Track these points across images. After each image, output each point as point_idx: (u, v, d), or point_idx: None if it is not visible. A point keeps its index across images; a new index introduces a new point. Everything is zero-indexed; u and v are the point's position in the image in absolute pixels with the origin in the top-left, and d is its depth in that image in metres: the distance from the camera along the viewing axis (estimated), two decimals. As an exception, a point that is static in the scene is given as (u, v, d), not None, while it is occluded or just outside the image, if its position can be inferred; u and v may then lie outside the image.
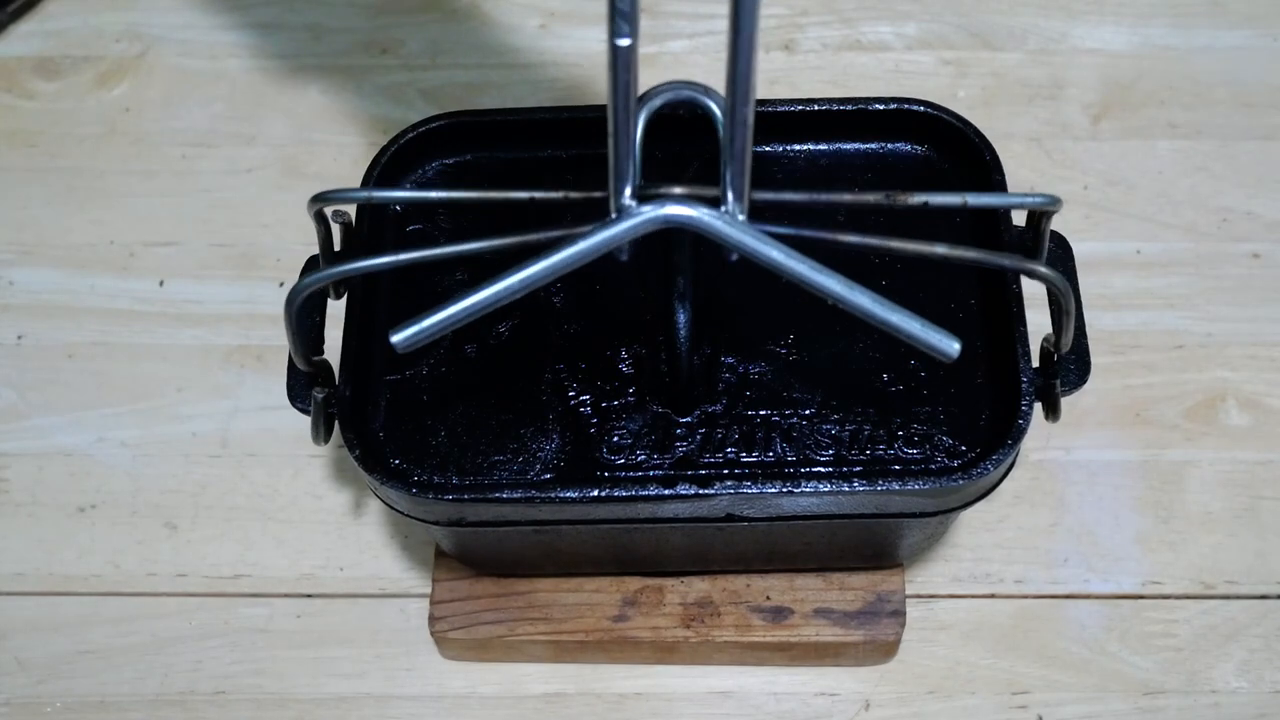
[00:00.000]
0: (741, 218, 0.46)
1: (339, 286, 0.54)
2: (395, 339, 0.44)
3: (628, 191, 0.45)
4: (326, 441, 0.53)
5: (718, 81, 0.47)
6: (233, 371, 0.72)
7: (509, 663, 0.64)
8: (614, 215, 0.45)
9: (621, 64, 0.42)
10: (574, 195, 0.48)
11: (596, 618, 0.62)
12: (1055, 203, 0.49)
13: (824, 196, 0.51)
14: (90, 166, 0.78)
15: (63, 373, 0.72)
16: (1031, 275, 0.49)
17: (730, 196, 0.45)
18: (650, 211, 0.45)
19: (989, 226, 0.55)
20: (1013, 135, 0.77)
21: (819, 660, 0.63)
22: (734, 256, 0.46)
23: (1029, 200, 0.50)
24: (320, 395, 0.52)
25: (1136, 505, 0.67)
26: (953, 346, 0.44)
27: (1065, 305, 0.49)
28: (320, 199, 0.50)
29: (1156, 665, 0.64)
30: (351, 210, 0.57)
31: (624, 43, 0.42)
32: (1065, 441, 0.68)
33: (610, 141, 0.44)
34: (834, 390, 0.53)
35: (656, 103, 0.47)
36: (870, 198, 0.49)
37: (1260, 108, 0.78)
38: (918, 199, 0.48)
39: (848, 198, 0.50)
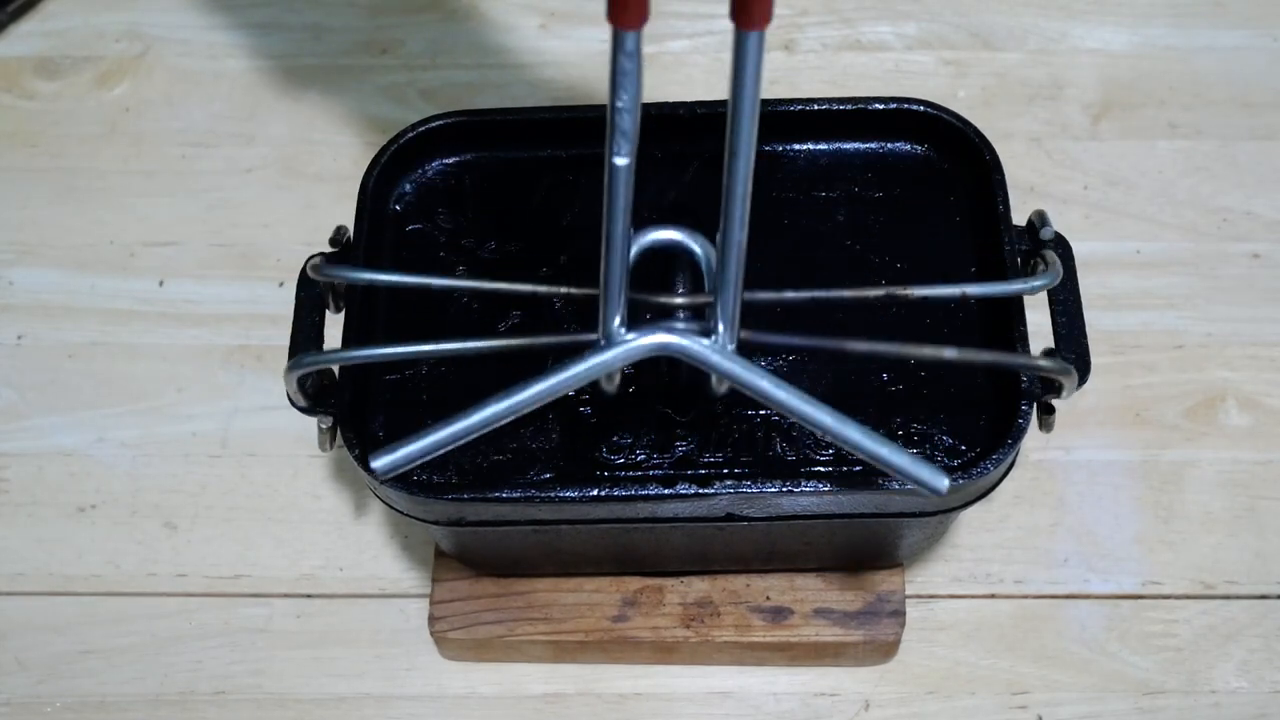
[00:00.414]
0: (731, 347, 0.46)
1: (337, 301, 0.54)
2: (376, 465, 0.45)
3: (617, 320, 0.45)
4: (333, 448, 0.53)
5: (719, 84, 0.47)
6: (233, 371, 0.72)
7: (509, 663, 0.64)
8: (603, 342, 0.45)
9: (620, 183, 0.42)
10: (572, 291, 0.49)
11: (596, 618, 0.62)
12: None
13: (822, 295, 0.51)
14: (90, 166, 0.78)
15: (63, 373, 0.72)
16: (1041, 371, 0.50)
17: (721, 328, 0.45)
18: (639, 340, 0.45)
19: (990, 236, 0.55)
20: (1013, 135, 0.77)
21: (819, 660, 0.63)
22: (724, 387, 0.47)
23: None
24: (326, 425, 0.52)
25: (1136, 505, 0.67)
26: (941, 482, 0.45)
27: (1068, 387, 0.50)
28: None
29: (1156, 665, 0.64)
30: (353, 213, 0.57)
31: (622, 162, 0.41)
32: (1065, 441, 0.68)
33: (602, 267, 0.44)
34: (834, 390, 0.53)
35: (646, 241, 0.48)
36: (871, 293, 0.50)
37: (1260, 108, 0.78)
38: (918, 293, 0.49)
39: (848, 294, 0.50)
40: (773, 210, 0.57)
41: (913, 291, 0.49)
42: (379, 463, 0.45)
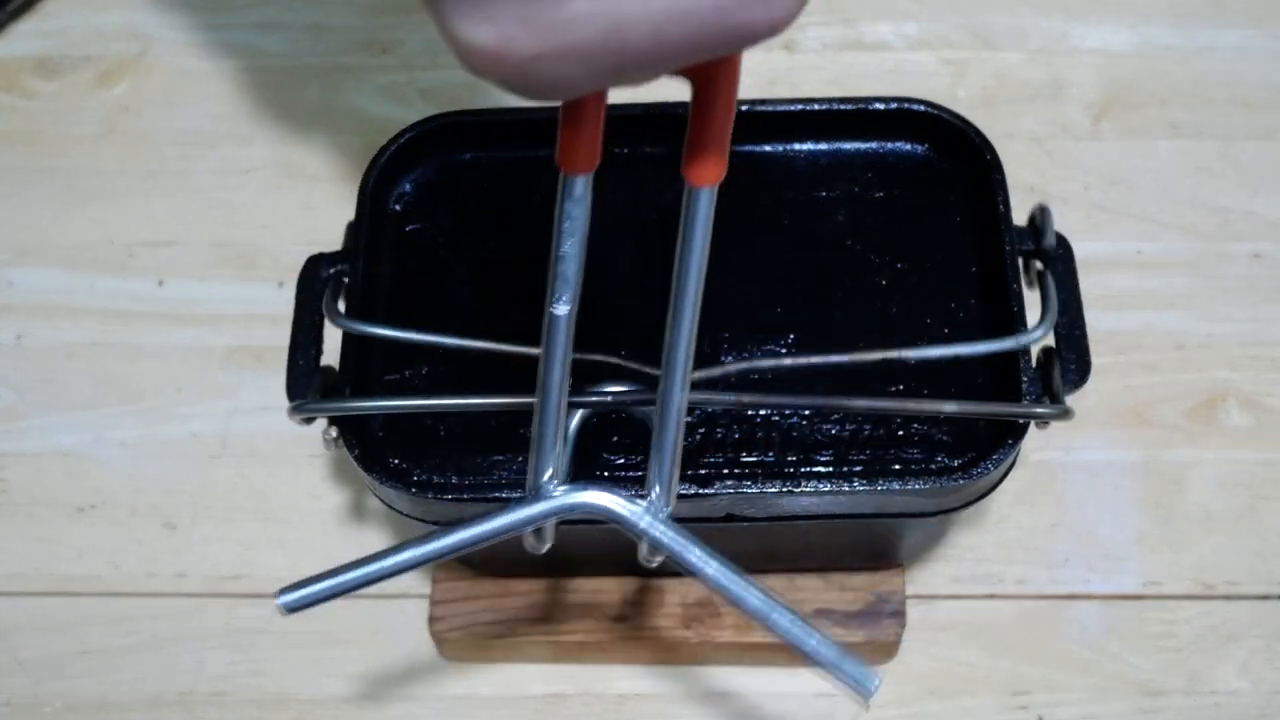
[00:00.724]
0: (666, 511, 0.45)
1: (336, 290, 0.54)
2: (281, 601, 0.45)
3: (548, 474, 0.44)
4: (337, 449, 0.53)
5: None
6: (232, 371, 0.72)
7: (509, 663, 0.64)
8: (530, 495, 0.44)
9: (559, 333, 0.41)
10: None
11: (596, 618, 0.62)
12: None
13: (819, 360, 0.52)
14: (90, 166, 0.78)
15: (62, 373, 0.72)
16: (1038, 417, 0.50)
17: (656, 491, 0.44)
18: (567, 498, 0.44)
19: (990, 236, 0.55)
20: (1013, 135, 0.77)
21: (819, 660, 0.63)
22: (655, 559, 0.46)
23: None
24: (334, 434, 0.52)
25: (1137, 505, 0.67)
26: (872, 683, 0.43)
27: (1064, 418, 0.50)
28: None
29: (1157, 666, 0.64)
30: (352, 213, 0.57)
31: (563, 311, 0.40)
32: (1065, 441, 0.68)
33: (535, 419, 0.43)
34: (834, 390, 0.53)
35: (589, 410, 0.49)
36: (869, 357, 0.50)
37: (1260, 108, 0.78)
38: (914, 355, 0.50)
39: (845, 358, 0.51)
40: (773, 210, 0.57)
41: (908, 354, 0.50)
42: (285, 599, 0.45)
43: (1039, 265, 0.54)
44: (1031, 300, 0.53)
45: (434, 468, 0.53)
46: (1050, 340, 0.52)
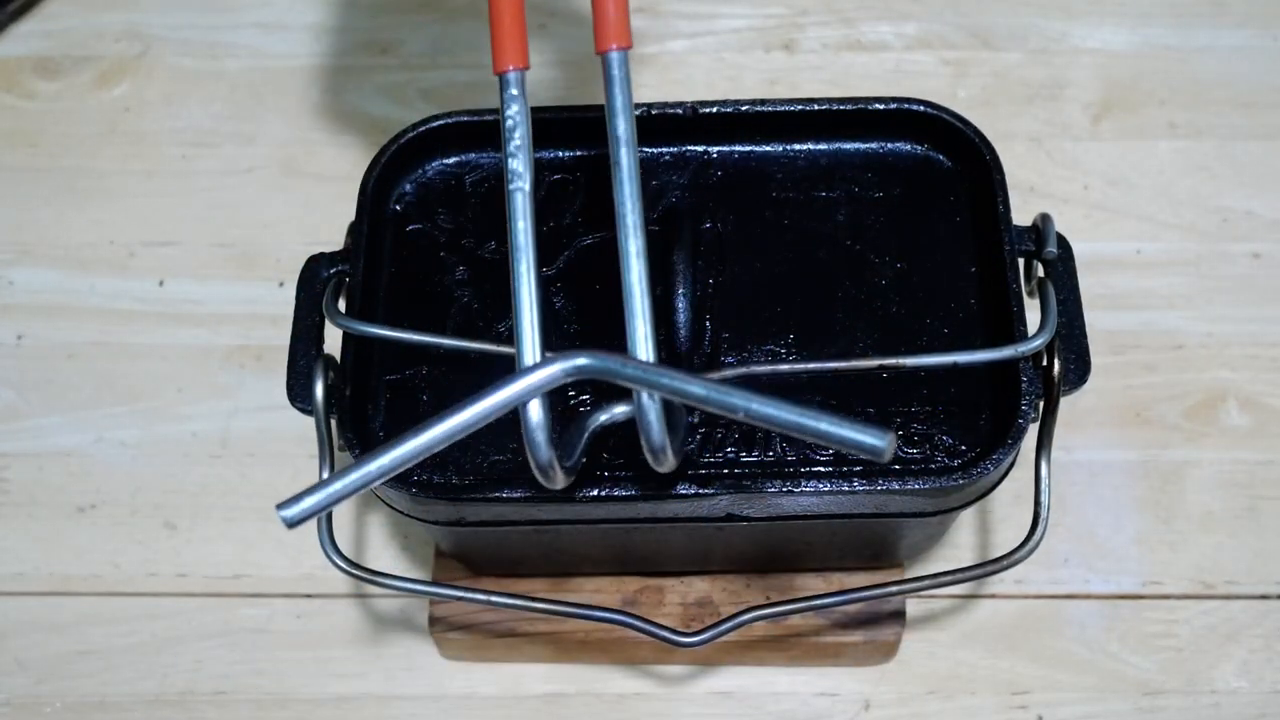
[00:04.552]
0: (649, 358, 0.45)
1: (336, 290, 0.54)
2: (283, 515, 0.43)
3: (531, 342, 0.45)
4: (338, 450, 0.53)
5: (719, 83, 0.47)
6: (233, 371, 0.72)
7: (509, 663, 0.64)
8: (523, 368, 0.44)
9: (519, 209, 0.46)
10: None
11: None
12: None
13: (815, 367, 0.52)
14: (90, 166, 0.78)
15: (63, 373, 0.72)
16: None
17: (640, 350, 0.45)
18: (555, 364, 0.43)
19: (990, 236, 0.55)
20: (1013, 135, 0.77)
21: (819, 660, 0.63)
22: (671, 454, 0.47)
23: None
24: (345, 443, 0.52)
25: (1136, 505, 0.67)
26: (885, 440, 0.40)
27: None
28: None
29: (1157, 665, 0.64)
30: (352, 213, 0.57)
31: (520, 187, 0.46)
32: (1065, 441, 0.68)
33: (512, 291, 0.46)
34: (834, 390, 0.53)
35: (597, 426, 0.49)
36: (864, 364, 0.51)
37: (1260, 108, 0.78)
38: (911, 363, 0.51)
39: (843, 365, 0.52)
40: (773, 210, 0.57)
41: (905, 361, 0.51)
42: (286, 513, 0.43)
43: (1040, 272, 0.54)
44: (1031, 300, 0.53)
45: (434, 468, 0.53)
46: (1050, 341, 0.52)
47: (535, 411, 0.45)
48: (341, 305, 0.55)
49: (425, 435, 0.42)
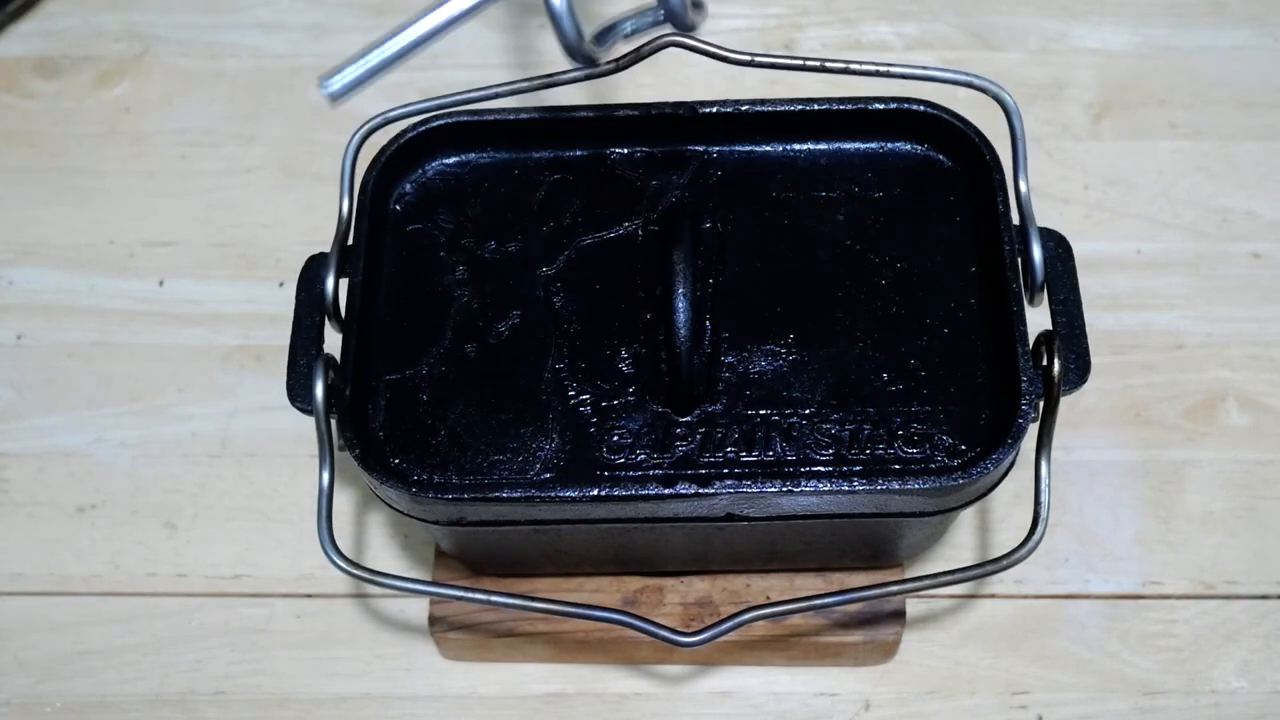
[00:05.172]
0: None
1: (340, 267, 0.54)
2: (325, 89, 0.40)
3: None
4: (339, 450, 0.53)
5: (719, 84, 0.47)
6: (233, 371, 0.72)
7: (509, 663, 0.64)
8: None
9: None
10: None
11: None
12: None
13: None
14: (90, 166, 0.78)
15: (62, 373, 0.72)
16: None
17: None
18: None
19: (990, 236, 0.55)
20: (1013, 135, 0.77)
21: (819, 660, 0.63)
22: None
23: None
24: (345, 443, 0.52)
25: (1136, 505, 0.67)
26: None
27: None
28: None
29: (1156, 665, 0.64)
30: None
31: None
32: (1065, 441, 0.68)
33: None
34: (834, 390, 0.53)
35: None
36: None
37: (1260, 108, 0.78)
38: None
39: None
40: (773, 210, 0.57)
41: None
42: (329, 87, 0.40)
43: (1040, 273, 0.54)
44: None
45: (434, 468, 0.53)
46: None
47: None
48: (341, 306, 0.55)
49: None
